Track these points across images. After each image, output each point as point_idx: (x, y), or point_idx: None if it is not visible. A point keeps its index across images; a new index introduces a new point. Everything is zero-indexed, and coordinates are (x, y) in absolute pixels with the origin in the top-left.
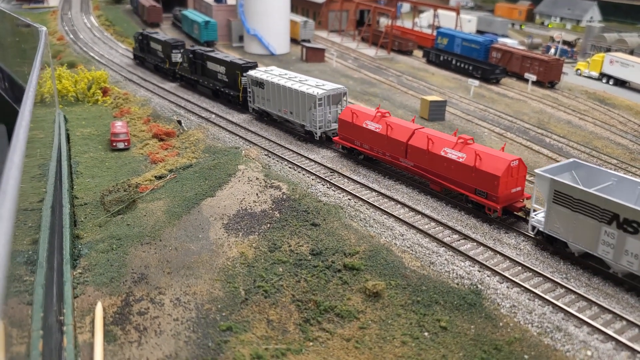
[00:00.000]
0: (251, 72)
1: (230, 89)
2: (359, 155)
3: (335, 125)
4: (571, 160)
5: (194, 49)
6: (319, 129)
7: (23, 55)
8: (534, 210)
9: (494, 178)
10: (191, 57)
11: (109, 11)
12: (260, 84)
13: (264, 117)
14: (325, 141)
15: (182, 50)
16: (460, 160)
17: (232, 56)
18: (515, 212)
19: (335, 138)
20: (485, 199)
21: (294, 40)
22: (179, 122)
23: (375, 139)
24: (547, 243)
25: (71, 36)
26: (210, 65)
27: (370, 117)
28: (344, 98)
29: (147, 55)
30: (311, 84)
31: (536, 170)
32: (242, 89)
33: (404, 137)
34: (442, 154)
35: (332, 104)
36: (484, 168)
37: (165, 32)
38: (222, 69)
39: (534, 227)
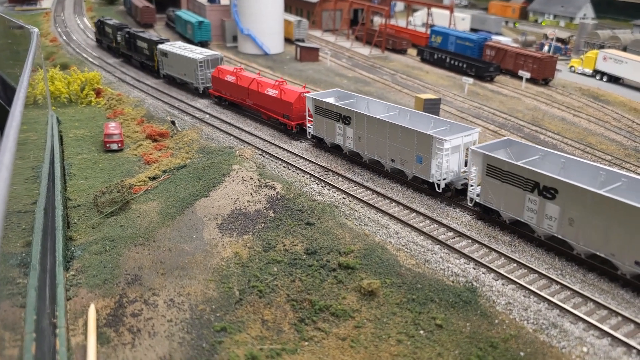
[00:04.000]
0: (160, 46)
1: (150, 60)
2: (225, 102)
3: None
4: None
5: (129, 30)
6: (202, 84)
7: (16, 57)
8: (310, 123)
9: (289, 104)
10: (127, 37)
11: (102, 12)
12: (165, 54)
13: (170, 80)
14: (206, 94)
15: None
16: (274, 95)
17: (154, 35)
18: (304, 128)
19: (210, 90)
20: (287, 120)
21: (288, 40)
22: (173, 122)
23: (232, 87)
24: (315, 140)
25: (64, 37)
26: (139, 43)
27: (229, 72)
28: (221, 63)
29: (103, 38)
30: (197, 52)
31: (308, 96)
32: (156, 60)
33: (246, 84)
34: (266, 92)
35: (212, 67)
36: (284, 98)
37: (159, 33)
38: (145, 45)
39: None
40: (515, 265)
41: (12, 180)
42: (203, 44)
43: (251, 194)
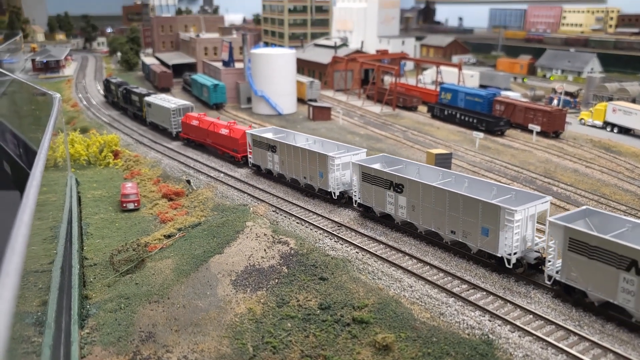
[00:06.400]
0: (146, 98)
1: (139, 111)
2: (191, 142)
3: None
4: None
5: (126, 87)
6: (174, 129)
7: (38, 122)
8: (250, 154)
9: (236, 140)
10: (124, 92)
11: (122, 78)
12: (149, 105)
13: (154, 127)
14: (179, 138)
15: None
16: (226, 134)
17: (144, 90)
18: (246, 157)
19: (181, 134)
20: (235, 153)
21: (300, 100)
22: (188, 181)
23: (196, 130)
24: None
25: (84, 103)
26: (133, 96)
27: (194, 118)
28: (191, 111)
29: (108, 94)
30: (172, 102)
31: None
32: (144, 110)
33: (206, 126)
34: (220, 132)
35: (183, 114)
36: (232, 135)
37: (175, 96)
38: (137, 98)
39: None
40: (531, 316)
41: (30, 240)
42: (218, 106)
43: (265, 250)
